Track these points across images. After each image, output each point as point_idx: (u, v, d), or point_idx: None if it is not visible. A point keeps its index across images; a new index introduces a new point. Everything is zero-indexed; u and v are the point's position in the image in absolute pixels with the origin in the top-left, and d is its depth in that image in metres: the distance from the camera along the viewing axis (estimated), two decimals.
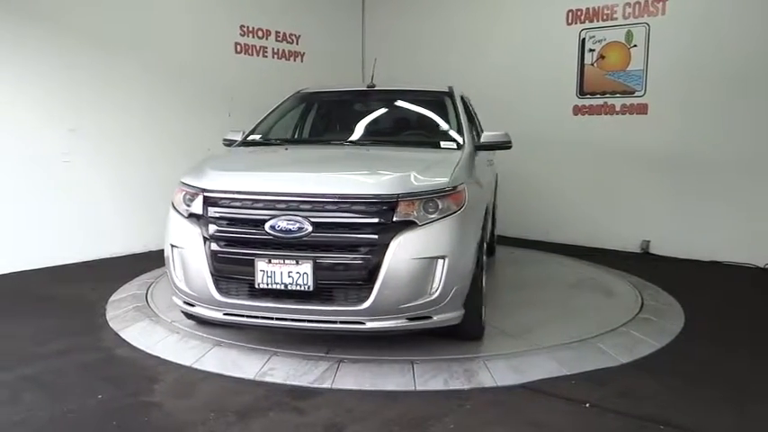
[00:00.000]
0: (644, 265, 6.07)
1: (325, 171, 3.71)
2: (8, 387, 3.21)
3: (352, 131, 4.70)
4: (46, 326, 4.15)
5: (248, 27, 7.31)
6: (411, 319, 3.30)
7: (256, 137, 4.67)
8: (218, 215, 3.40)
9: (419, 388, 3.22)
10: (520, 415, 2.97)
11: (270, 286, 3.26)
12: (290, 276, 3.24)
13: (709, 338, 4.05)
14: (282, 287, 3.25)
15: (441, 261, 3.24)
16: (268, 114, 4.98)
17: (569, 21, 7.03)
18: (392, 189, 3.29)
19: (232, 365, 3.44)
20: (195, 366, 3.46)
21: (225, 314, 3.44)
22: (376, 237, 3.20)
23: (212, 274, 3.37)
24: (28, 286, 5.15)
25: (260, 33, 7.45)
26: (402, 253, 3.18)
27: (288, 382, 3.26)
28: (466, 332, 3.66)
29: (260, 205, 3.34)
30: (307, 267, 3.21)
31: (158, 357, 3.60)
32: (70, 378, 3.34)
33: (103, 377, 3.35)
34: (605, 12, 6.78)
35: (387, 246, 3.18)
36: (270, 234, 3.27)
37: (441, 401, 3.09)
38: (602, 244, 6.83)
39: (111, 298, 4.64)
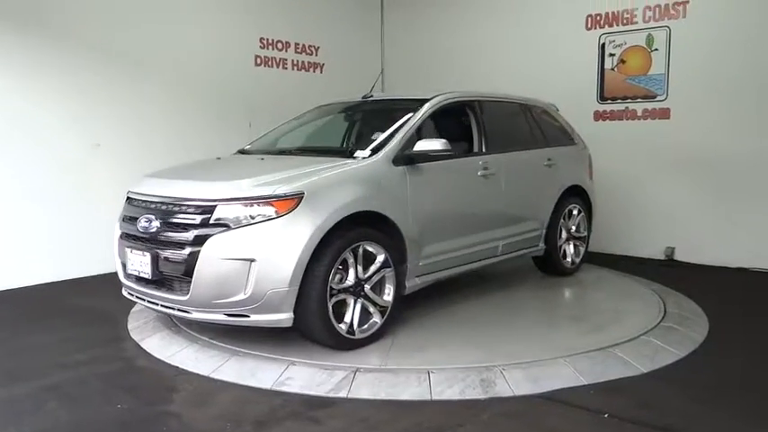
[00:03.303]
0: (668, 272, 5.97)
1: (190, 178, 4.06)
2: (32, 397, 3.27)
3: (303, 142, 5.04)
4: (69, 336, 4.23)
5: (268, 39, 7.40)
6: (229, 315, 3.54)
7: (248, 147, 5.06)
8: (123, 213, 4.10)
9: (435, 398, 3.20)
10: (537, 425, 2.94)
11: (132, 272, 3.88)
12: (140, 265, 3.78)
13: (733, 347, 3.96)
14: (137, 273, 3.83)
15: (250, 264, 3.41)
16: (278, 126, 5.23)
17: (589, 26, 6.98)
18: (213, 195, 3.62)
19: (249, 375, 3.46)
20: (213, 376, 3.49)
21: (127, 293, 4.12)
22: (194, 237, 3.52)
23: (120, 260, 4.05)
24: (53, 298, 5.25)
25: (279, 45, 7.54)
26: (213, 253, 3.45)
27: (304, 392, 3.27)
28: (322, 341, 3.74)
29: (135, 204, 4.00)
30: (148, 259, 3.70)
31: (177, 367, 3.65)
32: (92, 388, 3.40)
33: (124, 387, 3.40)
34: (625, 16, 6.72)
35: (202, 245, 3.46)
36: (136, 229, 3.81)
37: (457, 411, 3.07)
38: (625, 251, 6.73)
39: (133, 309, 4.71)
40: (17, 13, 5.39)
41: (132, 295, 4.06)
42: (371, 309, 3.86)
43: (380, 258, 3.86)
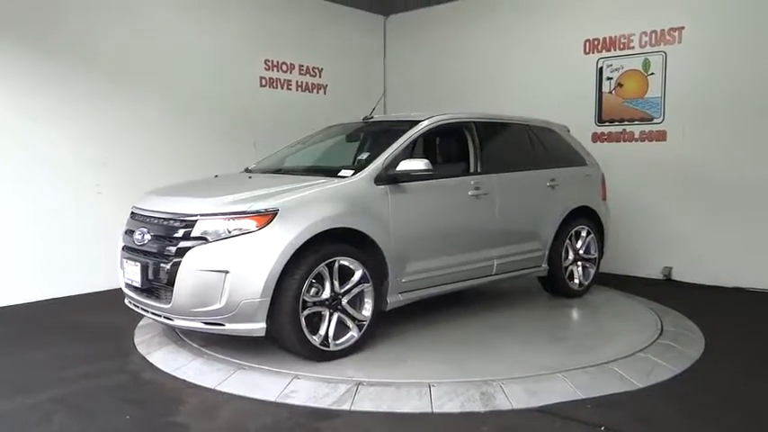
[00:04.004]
0: (666, 291, 6.04)
1: (180, 194, 4.26)
2: (40, 409, 3.35)
3: (303, 162, 5.17)
4: (77, 350, 4.31)
5: (273, 61, 7.57)
6: (206, 323, 3.73)
7: (253, 165, 5.26)
8: (125, 227, 4.31)
9: (436, 411, 3.27)
10: None
11: (128, 281, 4.13)
12: (134, 274, 4.01)
13: (728, 364, 4.03)
14: (131, 282, 4.08)
15: (224, 275, 3.58)
16: (285, 147, 5.42)
17: (587, 50, 7.14)
18: (194, 210, 3.84)
19: (254, 388, 3.54)
20: (219, 389, 3.57)
21: (127, 301, 4.31)
22: (176, 249, 3.74)
23: (121, 270, 4.27)
24: (61, 312, 5.34)
25: (284, 67, 7.71)
26: (191, 264, 3.66)
27: (308, 404, 3.34)
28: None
29: (135, 219, 4.24)
30: (138, 269, 3.94)
31: (183, 380, 3.72)
32: (99, 400, 3.47)
33: (131, 399, 3.48)
34: (622, 41, 6.88)
35: (182, 257, 3.66)
36: (132, 241, 4.07)
37: (457, 424, 3.15)
38: (624, 271, 6.82)
39: (140, 323, 4.79)
40: (21, 33, 5.55)
41: (131, 303, 4.29)
42: (349, 322, 3.97)
43: (358, 274, 3.98)
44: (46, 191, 5.73)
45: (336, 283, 3.90)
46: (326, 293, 3.87)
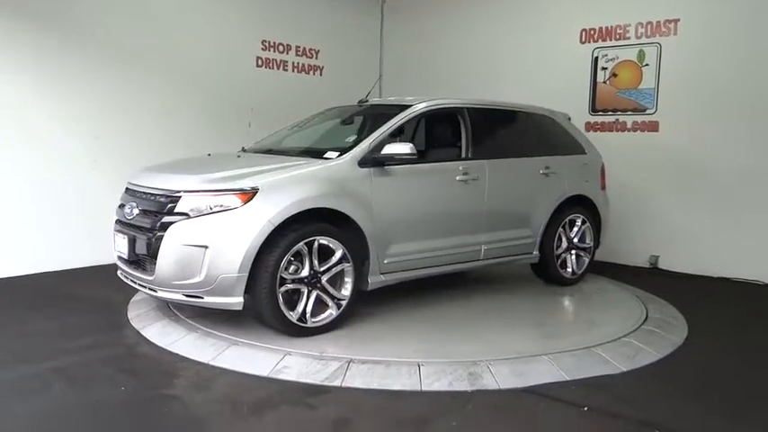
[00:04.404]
0: (652, 279, 6.16)
1: (170, 171, 4.33)
2: (39, 378, 3.41)
3: (297, 144, 5.18)
4: (72, 323, 4.37)
5: (269, 42, 7.57)
6: (187, 296, 3.86)
7: (250, 146, 5.29)
8: (120, 201, 4.42)
9: (425, 389, 3.36)
10: (520, 416, 3.12)
11: (118, 253, 4.29)
12: (122, 246, 4.17)
13: (709, 350, 4.15)
14: (120, 254, 4.24)
15: (204, 250, 3.71)
16: (284, 128, 5.46)
17: (583, 39, 7.19)
18: (178, 186, 3.96)
19: (247, 363, 3.61)
20: (212, 363, 3.64)
21: (119, 272, 4.43)
22: (159, 223, 3.87)
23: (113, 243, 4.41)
24: (54, 286, 5.38)
25: (281, 48, 7.71)
26: (173, 239, 3.79)
27: (300, 380, 3.42)
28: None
29: (128, 193, 4.35)
30: (126, 241, 4.11)
31: (177, 354, 3.80)
32: (95, 371, 3.54)
33: (126, 371, 3.55)
34: (618, 31, 6.93)
35: (165, 231, 3.80)
36: (123, 215, 4.21)
37: (445, 402, 3.24)
38: (611, 258, 6.91)
39: (134, 298, 4.85)
40: (17, 8, 5.53)
41: (122, 275, 4.41)
42: (328, 301, 4.07)
43: (338, 253, 4.07)
44: (41, 165, 5.74)
45: (316, 262, 4.00)
46: (305, 271, 3.97)
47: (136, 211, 4.11)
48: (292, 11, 7.84)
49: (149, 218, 4.00)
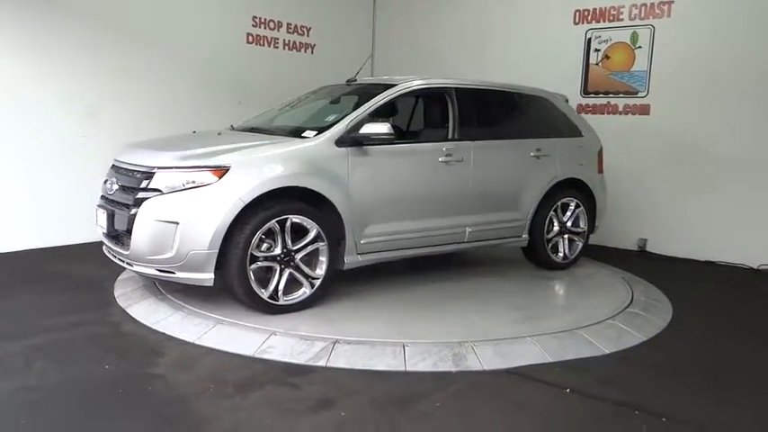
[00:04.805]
0: (639, 263, 6.19)
1: (149, 148, 4.35)
2: (21, 355, 3.40)
3: (284, 123, 5.09)
4: (57, 301, 4.35)
5: (260, 18, 7.46)
6: (160, 271, 3.91)
7: (238, 124, 5.24)
8: (105, 177, 4.43)
9: (409, 369, 3.38)
10: (503, 397, 3.14)
11: (99, 227, 4.33)
12: (102, 221, 4.23)
13: (693, 333, 4.19)
14: (101, 229, 4.28)
15: (175, 226, 3.75)
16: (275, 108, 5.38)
17: (576, 20, 7.13)
18: (152, 162, 3.99)
19: (233, 343, 3.61)
20: (197, 342, 3.64)
21: (104, 248, 4.43)
22: (134, 199, 3.92)
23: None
24: (44, 263, 5.36)
25: (272, 25, 7.60)
26: (147, 214, 3.84)
27: (285, 360, 3.43)
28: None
29: (111, 169, 4.37)
30: (105, 216, 4.17)
31: (163, 333, 3.79)
32: (79, 349, 3.54)
33: (110, 349, 3.54)
34: (612, 12, 6.88)
35: (139, 207, 3.85)
36: (105, 190, 4.29)
37: (429, 382, 3.26)
38: (600, 241, 6.91)
39: (121, 276, 4.83)
40: None
41: (105, 250, 4.43)
42: (302, 279, 4.08)
43: (313, 232, 4.08)
44: (32, 141, 5.68)
45: (289, 241, 4.00)
46: (278, 250, 3.98)
47: (115, 187, 4.17)
48: None
49: (127, 193, 4.05)
